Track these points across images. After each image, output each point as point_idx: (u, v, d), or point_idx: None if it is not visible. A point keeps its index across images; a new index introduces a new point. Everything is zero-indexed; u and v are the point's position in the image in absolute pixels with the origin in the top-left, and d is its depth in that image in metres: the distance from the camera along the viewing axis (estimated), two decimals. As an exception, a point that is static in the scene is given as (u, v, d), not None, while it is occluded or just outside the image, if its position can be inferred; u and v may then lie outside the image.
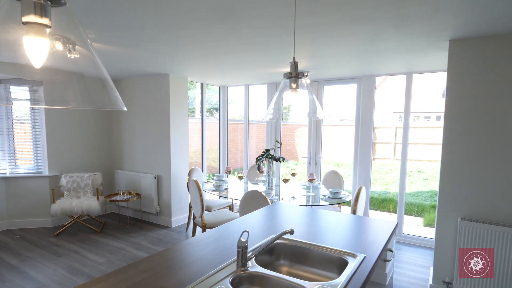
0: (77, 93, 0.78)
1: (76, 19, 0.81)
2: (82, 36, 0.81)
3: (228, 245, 1.63)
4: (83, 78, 0.80)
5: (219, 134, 5.99)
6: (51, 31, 0.76)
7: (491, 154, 2.57)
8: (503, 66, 2.49)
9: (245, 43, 2.82)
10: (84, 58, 0.81)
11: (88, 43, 0.82)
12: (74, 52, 0.85)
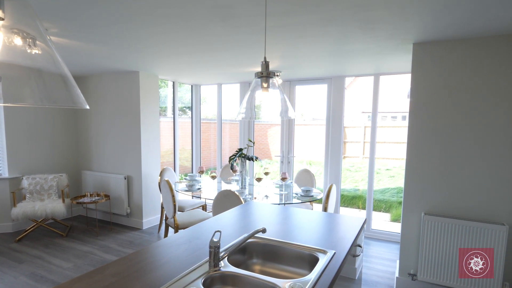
0: (35, 90, 0.74)
1: (33, 12, 0.77)
2: (40, 31, 0.77)
3: (200, 245, 1.62)
4: (41, 74, 0.76)
5: (192, 133, 5.92)
6: (6, 25, 0.72)
7: (452, 153, 2.73)
8: (463, 68, 2.64)
9: (217, 42, 2.80)
10: (43, 54, 0.77)
11: (46, 38, 0.78)
12: (35, 48, 0.81)
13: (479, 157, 2.63)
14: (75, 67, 4.13)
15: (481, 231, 2.55)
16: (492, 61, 2.54)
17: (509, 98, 2.51)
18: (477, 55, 2.58)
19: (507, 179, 2.55)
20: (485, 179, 2.62)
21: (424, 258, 2.78)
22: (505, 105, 2.52)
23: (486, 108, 2.58)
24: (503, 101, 2.53)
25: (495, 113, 2.56)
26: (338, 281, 1.55)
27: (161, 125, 6.14)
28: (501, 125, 2.54)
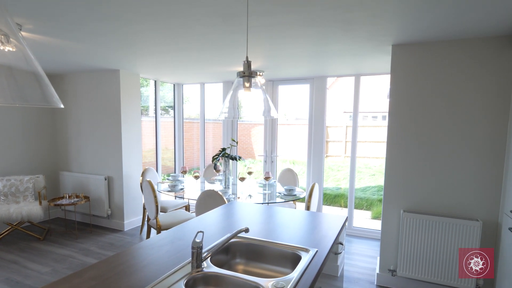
0: (5, 89, 0.71)
1: (4, 8, 0.74)
2: (11, 28, 0.74)
3: (183, 246, 1.60)
4: (12, 72, 0.73)
5: (174, 133, 5.85)
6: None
7: (429, 153, 2.81)
8: (440, 70, 2.73)
9: (200, 41, 2.78)
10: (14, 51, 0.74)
11: (18, 35, 0.75)
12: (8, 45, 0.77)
13: (455, 156, 2.73)
14: (52, 65, 4.00)
15: (456, 226, 2.65)
16: (468, 63, 2.63)
17: (483, 100, 2.61)
18: (453, 57, 2.67)
19: (481, 177, 2.65)
20: (460, 178, 2.72)
21: (403, 254, 2.86)
22: (479, 107, 2.62)
23: (462, 109, 2.68)
24: (478, 102, 2.63)
25: (471, 115, 2.66)
26: (320, 278, 1.58)
27: (143, 124, 6.04)
28: (476, 126, 2.64)
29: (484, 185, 2.65)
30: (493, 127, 2.59)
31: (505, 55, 2.52)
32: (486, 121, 2.61)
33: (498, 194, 2.61)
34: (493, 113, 2.59)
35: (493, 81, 2.57)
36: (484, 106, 2.61)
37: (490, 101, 2.59)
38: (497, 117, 2.58)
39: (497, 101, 2.57)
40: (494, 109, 2.58)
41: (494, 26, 2.29)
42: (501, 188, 2.60)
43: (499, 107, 2.57)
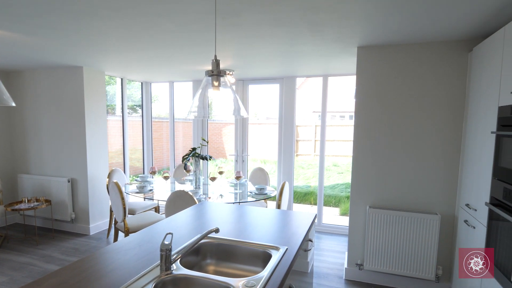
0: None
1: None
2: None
3: (151, 249, 1.57)
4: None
5: (143, 132, 5.68)
6: None
7: (392, 151, 2.95)
8: (402, 72, 2.86)
9: (167, 39, 2.72)
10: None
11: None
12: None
13: (416, 155, 2.88)
14: (6, 60, 3.74)
15: (418, 220, 2.80)
16: (428, 65, 2.78)
17: (442, 101, 2.77)
18: (415, 59, 2.81)
19: (440, 174, 2.82)
20: (421, 175, 2.87)
21: (369, 249, 2.98)
22: (438, 108, 2.78)
23: (422, 110, 2.83)
24: (437, 103, 2.79)
25: (430, 115, 2.81)
26: (291, 275, 1.60)
27: (110, 124, 5.81)
28: (435, 126, 2.80)
29: (442, 181, 2.82)
30: (450, 127, 2.76)
31: (462, 58, 2.69)
32: (444, 121, 2.78)
33: (454, 189, 2.79)
34: (450, 114, 2.76)
35: (451, 83, 2.73)
36: (442, 107, 2.77)
37: (448, 102, 2.76)
38: (454, 117, 2.75)
39: (454, 102, 2.74)
40: (451, 110, 2.75)
41: (452, 31, 2.44)
42: (457, 183, 2.78)
43: (456, 108, 2.74)
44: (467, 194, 2.51)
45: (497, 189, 1.93)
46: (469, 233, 2.41)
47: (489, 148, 2.12)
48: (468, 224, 2.43)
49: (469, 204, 2.44)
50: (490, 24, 2.25)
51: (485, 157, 2.17)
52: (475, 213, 2.31)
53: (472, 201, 2.38)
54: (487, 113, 2.18)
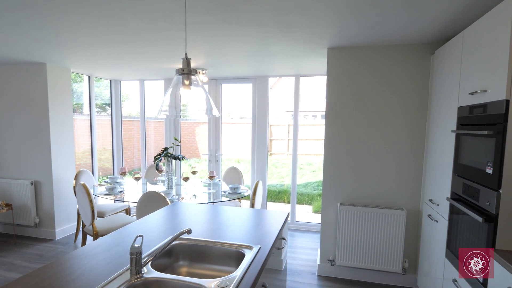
0: None
1: None
2: None
3: (121, 252, 1.52)
4: None
5: (112, 132, 5.49)
6: None
7: (361, 150, 3.04)
8: (370, 73, 2.96)
9: (137, 36, 2.65)
10: None
11: None
12: None
13: (383, 153, 2.99)
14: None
15: (385, 216, 2.91)
16: (394, 67, 2.90)
17: (407, 101, 2.90)
18: (382, 61, 2.92)
19: (405, 172, 2.95)
20: (388, 172, 2.99)
21: (340, 245, 3.06)
22: (403, 108, 2.91)
23: (388, 109, 2.94)
24: (402, 104, 2.91)
25: (395, 114, 2.93)
26: (264, 273, 1.61)
27: (77, 123, 5.57)
28: (400, 126, 2.93)
29: (408, 178, 2.95)
30: (415, 127, 2.90)
31: (426, 61, 2.82)
32: (410, 121, 2.90)
33: (419, 185, 2.93)
34: (415, 114, 2.89)
35: (415, 84, 2.86)
36: (408, 107, 2.90)
37: (413, 103, 2.89)
38: (418, 117, 2.88)
39: (419, 102, 2.87)
40: (416, 110, 2.88)
41: (417, 34, 2.56)
42: (421, 180, 2.92)
43: (420, 108, 2.87)
44: (431, 190, 2.64)
45: (457, 185, 2.05)
46: (432, 227, 2.54)
47: (449, 146, 2.24)
48: (431, 218, 2.56)
49: (432, 199, 2.57)
50: (451, 29, 2.38)
51: (446, 154, 2.30)
52: (437, 208, 2.44)
53: (435, 196, 2.51)
54: (448, 113, 2.31)
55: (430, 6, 1.94)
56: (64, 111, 4.18)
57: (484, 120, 1.73)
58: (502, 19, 1.57)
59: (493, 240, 1.60)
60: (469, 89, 1.94)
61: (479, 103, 1.79)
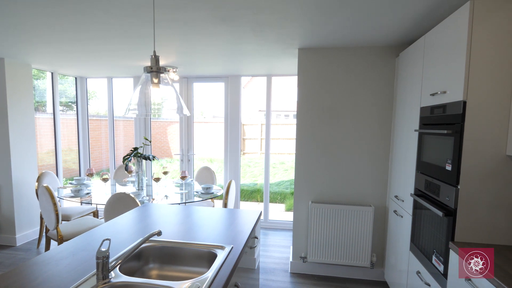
0: None
1: None
2: None
3: (87, 257, 1.46)
4: None
5: (78, 132, 5.26)
6: None
7: (331, 148, 3.12)
8: (339, 73, 3.04)
9: (103, 31, 2.56)
10: None
11: None
12: None
13: (352, 151, 3.08)
14: None
15: (354, 212, 3.01)
16: (362, 68, 2.99)
17: (374, 102, 3.00)
18: (351, 62, 3.01)
19: (373, 169, 3.06)
20: (357, 170, 3.09)
21: (312, 241, 3.12)
22: (371, 108, 3.01)
23: (355, 109, 3.04)
24: (370, 104, 3.01)
25: (363, 114, 3.03)
26: (238, 273, 1.61)
27: (40, 122, 5.28)
28: (368, 125, 3.03)
29: (375, 176, 3.06)
30: (381, 126, 3.01)
31: (391, 63, 2.94)
32: (376, 120, 3.01)
33: (385, 182, 3.05)
34: (381, 114, 3.00)
35: (381, 85, 2.98)
36: (374, 108, 3.01)
37: (379, 103, 3.00)
38: (384, 117, 3.00)
39: (384, 102, 2.99)
40: (382, 110, 3.00)
41: (382, 37, 2.66)
42: (388, 177, 3.04)
43: (385, 108, 2.99)
44: (396, 186, 2.76)
45: (420, 181, 2.16)
46: (398, 222, 2.66)
47: (413, 144, 2.35)
48: (397, 214, 2.67)
49: (398, 195, 2.69)
50: (414, 33, 2.50)
51: (410, 152, 2.41)
52: (402, 204, 2.55)
53: (400, 193, 2.63)
54: (412, 113, 2.42)
55: (394, 10, 2.03)
56: (24, 109, 3.95)
57: (444, 120, 1.84)
58: (460, 24, 1.67)
59: (452, 233, 1.70)
60: (430, 90, 2.04)
61: (439, 104, 1.89)
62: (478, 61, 1.59)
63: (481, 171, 1.64)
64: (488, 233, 1.66)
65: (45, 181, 3.92)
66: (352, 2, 1.90)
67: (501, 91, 1.59)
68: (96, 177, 4.25)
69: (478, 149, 1.63)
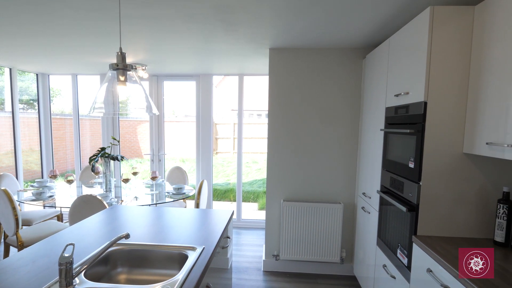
0: None
1: None
2: None
3: (49, 263, 1.39)
4: None
5: (40, 131, 4.99)
6: None
7: (301, 148, 3.17)
8: (309, 74, 3.10)
9: (66, 25, 2.44)
10: None
11: None
12: None
13: (322, 150, 3.15)
14: None
15: (325, 209, 3.08)
16: (332, 69, 3.07)
17: (343, 102, 3.09)
18: (321, 63, 3.07)
19: (342, 168, 3.15)
20: (326, 168, 3.16)
21: (284, 239, 3.16)
22: (338, 108, 3.09)
23: (325, 109, 3.11)
24: (339, 104, 3.09)
25: (332, 113, 3.11)
26: (210, 273, 1.60)
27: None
28: (338, 125, 3.11)
29: (344, 174, 3.15)
30: (350, 126, 3.11)
31: (358, 64, 3.03)
32: (345, 120, 3.10)
33: (354, 180, 3.15)
34: (349, 114, 3.10)
35: (349, 86, 3.07)
36: (343, 108, 3.09)
37: (348, 103, 3.09)
38: (352, 117, 3.10)
39: (352, 103, 3.08)
40: (350, 110, 3.09)
41: (350, 39, 2.74)
42: (356, 175, 3.14)
43: (353, 108, 3.09)
44: (364, 184, 2.86)
45: (386, 179, 2.25)
46: (365, 218, 2.75)
47: (379, 143, 2.44)
48: (364, 210, 2.77)
49: (365, 192, 2.78)
50: (379, 35, 2.59)
51: (377, 151, 2.51)
52: (369, 200, 2.65)
53: (368, 190, 2.73)
54: (377, 113, 2.51)
55: (360, 14, 2.10)
56: (-21, 107, 3.68)
57: (407, 119, 1.93)
58: (421, 29, 1.76)
59: (415, 227, 1.79)
60: (395, 91, 2.13)
61: (403, 104, 1.98)
62: (438, 64, 1.69)
63: (440, 168, 1.74)
64: (448, 227, 1.77)
65: (3, 184, 3.69)
66: (321, 3, 1.94)
67: (458, 92, 1.69)
68: (60, 178, 4.05)
69: (438, 148, 1.73)
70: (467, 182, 1.73)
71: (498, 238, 1.63)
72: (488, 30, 1.53)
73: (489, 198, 1.73)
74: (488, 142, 1.49)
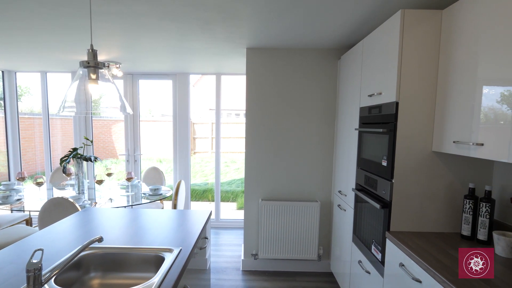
0: None
1: None
2: None
3: (16, 271, 1.33)
4: None
5: (6, 131, 4.74)
6: None
7: (279, 148, 3.20)
8: (286, 74, 3.12)
9: (34, 21, 2.33)
10: None
11: None
12: None
13: (299, 150, 3.19)
14: None
15: (302, 208, 3.12)
16: (309, 69, 3.11)
17: (320, 102, 3.14)
18: (298, 63, 3.11)
19: (318, 166, 3.20)
20: (303, 167, 3.21)
21: (262, 239, 3.18)
22: (314, 107, 3.14)
23: (301, 109, 3.15)
24: (316, 104, 3.14)
25: (308, 113, 3.15)
26: (188, 274, 1.58)
27: (-44, 121, 4.66)
28: (314, 125, 3.16)
29: (321, 173, 3.21)
30: (326, 125, 3.16)
31: (333, 65, 3.09)
32: (321, 119, 3.16)
33: (330, 178, 3.21)
34: (325, 113, 3.15)
35: (325, 86, 3.12)
36: (319, 107, 3.15)
37: (323, 103, 3.14)
38: (328, 116, 3.15)
39: (328, 103, 3.14)
40: (326, 110, 3.15)
41: (325, 40, 2.79)
42: (332, 174, 3.20)
43: (329, 108, 3.15)
44: (340, 182, 2.92)
45: (360, 177, 2.31)
46: (341, 216, 2.81)
47: (354, 142, 2.50)
48: (340, 208, 2.83)
49: (341, 190, 2.85)
50: (354, 37, 2.65)
51: (352, 150, 2.57)
52: (345, 198, 2.71)
53: (343, 188, 2.79)
54: (352, 112, 2.57)
55: (335, 16, 2.14)
56: None
57: (380, 119, 1.98)
58: (392, 31, 1.82)
59: (388, 223, 1.85)
60: (368, 91, 2.19)
61: (376, 104, 2.04)
62: (408, 65, 1.75)
63: (411, 166, 1.80)
64: (419, 222, 1.84)
65: (-35, 187, 3.47)
66: (298, 4, 1.96)
67: (428, 93, 1.76)
68: (29, 181, 3.87)
69: (409, 146, 1.79)
70: (436, 179, 1.81)
71: (464, 232, 1.71)
72: (454, 33, 1.60)
73: (457, 194, 1.81)
74: (455, 140, 1.56)
